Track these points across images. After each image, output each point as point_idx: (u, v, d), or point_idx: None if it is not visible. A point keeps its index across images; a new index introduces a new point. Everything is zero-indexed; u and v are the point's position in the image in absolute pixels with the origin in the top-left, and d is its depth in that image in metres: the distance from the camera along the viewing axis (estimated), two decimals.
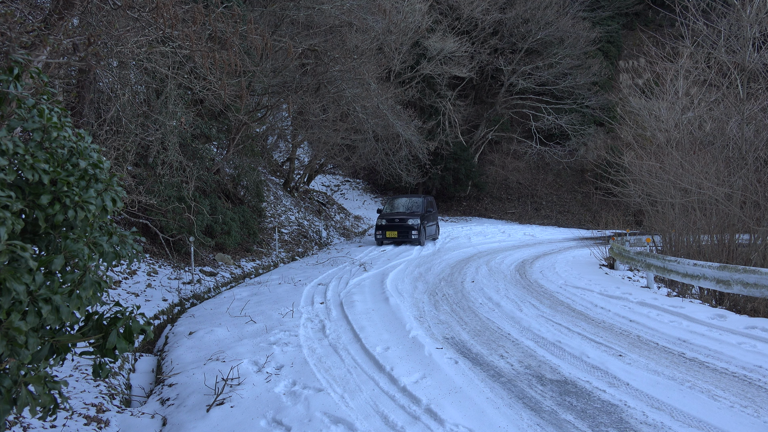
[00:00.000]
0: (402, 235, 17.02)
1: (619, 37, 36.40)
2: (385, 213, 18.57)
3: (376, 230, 17.30)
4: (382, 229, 17.19)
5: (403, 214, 17.80)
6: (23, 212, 2.25)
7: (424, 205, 18.55)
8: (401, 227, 17.07)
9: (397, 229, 17.04)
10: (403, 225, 17.12)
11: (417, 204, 18.76)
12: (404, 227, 17.07)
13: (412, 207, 18.63)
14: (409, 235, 17.01)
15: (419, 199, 18.95)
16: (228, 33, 5.92)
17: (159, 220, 9.78)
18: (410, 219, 17.25)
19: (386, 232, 17.06)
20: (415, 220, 17.22)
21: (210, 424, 4.19)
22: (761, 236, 10.74)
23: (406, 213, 18.10)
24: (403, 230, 17.03)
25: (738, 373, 5.16)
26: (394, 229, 17.05)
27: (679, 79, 15.48)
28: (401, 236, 17.03)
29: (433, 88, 27.22)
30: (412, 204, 18.80)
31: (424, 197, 19.00)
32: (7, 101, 2.31)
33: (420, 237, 17.11)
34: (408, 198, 19.36)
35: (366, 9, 13.53)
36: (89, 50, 4.61)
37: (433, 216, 19.18)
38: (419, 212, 18.09)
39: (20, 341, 1.96)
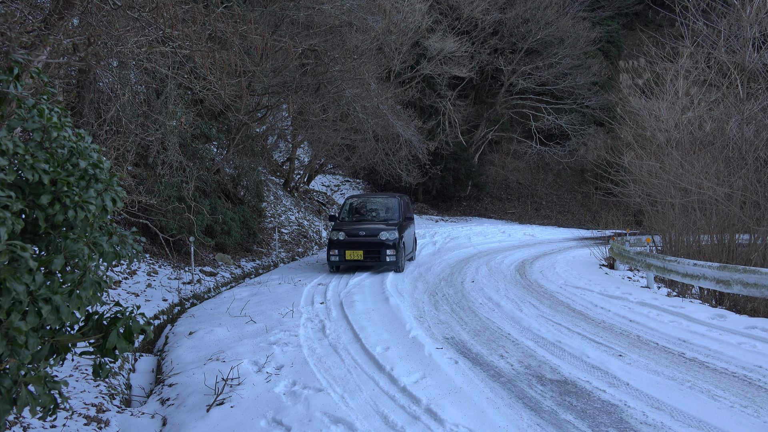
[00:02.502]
0: (371, 256, 11.45)
1: (619, 37, 36.39)
2: (343, 222, 12.59)
3: (330, 249, 11.56)
4: (340, 248, 11.48)
5: (371, 223, 12.24)
6: (23, 212, 2.25)
7: (400, 208, 12.93)
8: (370, 245, 11.47)
9: (364, 247, 11.46)
10: (372, 242, 11.49)
11: (391, 207, 13.03)
12: (375, 245, 11.44)
13: (385, 212, 13.05)
14: (381, 256, 11.40)
15: (394, 200, 13.20)
16: (228, 33, 5.92)
17: (159, 220, 9.78)
18: (384, 232, 11.57)
19: (346, 252, 11.44)
20: (390, 233, 11.55)
21: (210, 424, 4.19)
22: (761, 236, 10.74)
23: (377, 221, 12.52)
24: (373, 250, 11.43)
25: (738, 373, 5.16)
26: (359, 247, 11.44)
27: (679, 79, 15.48)
28: (370, 258, 11.45)
29: (433, 88, 27.22)
30: (383, 207, 13.23)
31: (400, 197, 13.45)
32: (7, 101, 2.31)
33: (398, 258, 11.51)
34: (378, 198, 13.80)
35: (366, 9, 13.53)
36: (89, 50, 4.61)
37: (411, 224, 13.62)
38: (395, 220, 12.49)
39: (20, 341, 1.96)
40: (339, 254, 11.47)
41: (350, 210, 13.29)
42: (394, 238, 11.52)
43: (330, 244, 11.64)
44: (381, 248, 11.41)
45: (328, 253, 11.61)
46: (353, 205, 13.46)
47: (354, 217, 13.04)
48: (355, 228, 11.86)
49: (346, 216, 13.06)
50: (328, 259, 11.60)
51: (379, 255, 11.41)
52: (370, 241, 11.51)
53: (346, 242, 11.51)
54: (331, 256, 11.54)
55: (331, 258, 11.55)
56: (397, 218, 12.58)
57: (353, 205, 13.48)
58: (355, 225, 12.15)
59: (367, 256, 11.43)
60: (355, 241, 11.55)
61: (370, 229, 11.73)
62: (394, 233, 11.59)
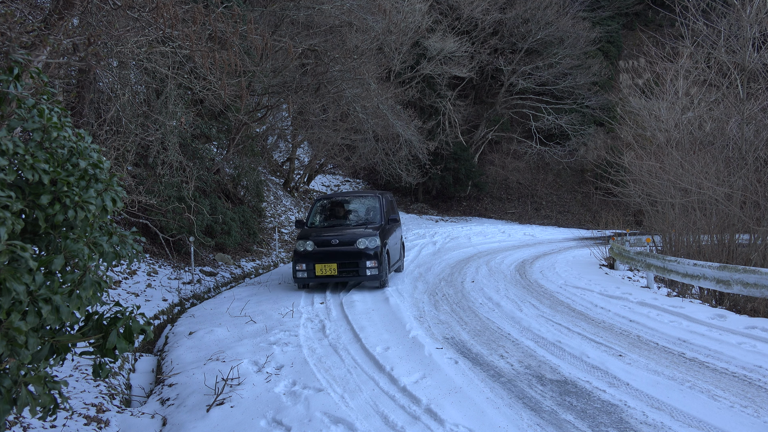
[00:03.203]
0: (346, 270, 9.40)
1: (619, 37, 36.39)
2: (312, 228, 10.46)
3: (296, 262, 9.50)
4: (308, 261, 9.42)
5: (346, 229, 10.20)
6: (23, 212, 2.25)
7: (383, 209, 10.74)
8: (346, 256, 9.41)
9: (339, 259, 9.39)
10: (348, 252, 9.44)
11: (372, 208, 10.86)
12: (351, 256, 9.41)
13: (364, 214, 10.89)
14: (360, 269, 9.39)
15: (374, 200, 11.02)
16: (228, 33, 5.93)
17: (159, 220, 9.78)
18: (363, 239, 9.50)
19: (316, 267, 9.36)
20: (370, 240, 9.49)
21: (210, 424, 4.19)
22: (761, 236, 10.74)
23: (353, 226, 10.40)
24: (349, 262, 9.38)
25: (738, 373, 5.16)
26: (332, 259, 9.39)
27: (679, 79, 15.48)
28: (345, 272, 9.41)
29: (433, 88, 27.22)
30: (362, 208, 11.06)
31: (381, 194, 11.25)
32: (7, 101, 2.31)
33: (381, 271, 9.46)
34: (355, 197, 11.49)
35: (366, 9, 13.53)
36: (89, 50, 4.61)
37: (397, 228, 11.68)
38: (376, 223, 10.36)
39: (20, 341, 1.96)
40: (307, 269, 9.31)
41: (322, 213, 10.98)
42: (375, 246, 9.37)
43: (296, 257, 9.42)
44: (359, 260, 9.29)
45: (293, 267, 9.43)
46: (325, 207, 11.09)
47: (326, 222, 10.76)
48: (327, 235, 9.68)
49: (317, 221, 10.82)
50: (294, 276, 9.44)
51: (358, 268, 9.29)
52: (345, 251, 9.36)
53: (316, 254, 9.38)
54: (298, 271, 9.38)
55: (297, 274, 9.39)
56: (379, 221, 10.41)
57: (325, 206, 11.11)
58: (326, 232, 9.96)
59: (342, 270, 9.28)
60: (327, 251, 9.36)
61: (345, 237, 9.60)
62: (374, 240, 9.43)
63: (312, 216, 10.91)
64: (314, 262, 9.35)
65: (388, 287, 9.79)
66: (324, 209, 11.11)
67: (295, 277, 9.55)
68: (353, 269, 9.39)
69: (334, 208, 11.10)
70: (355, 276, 9.45)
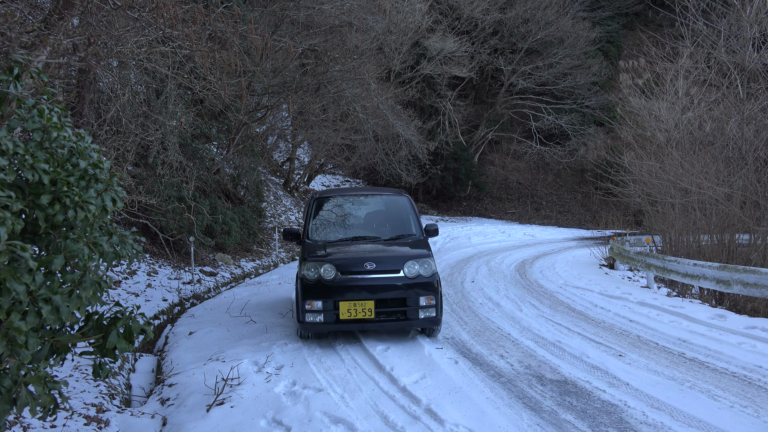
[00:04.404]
0: (388, 310, 6.16)
1: (619, 37, 36.39)
2: (322, 244, 6.85)
3: (305, 297, 6.08)
4: (328, 296, 6.05)
5: (376, 245, 6.84)
6: (23, 212, 2.25)
7: (416, 214, 7.41)
8: (389, 288, 6.14)
9: (378, 293, 6.10)
10: (393, 283, 6.16)
11: (401, 213, 7.51)
12: (397, 288, 6.15)
13: (392, 222, 7.50)
14: (410, 309, 6.16)
15: (404, 203, 7.57)
16: (228, 33, 5.93)
17: (159, 220, 9.78)
18: (412, 261, 6.28)
19: (341, 306, 6.01)
20: (424, 264, 6.32)
21: (210, 424, 4.19)
22: (761, 236, 10.74)
23: (384, 240, 7.04)
24: (394, 297, 6.16)
25: (738, 373, 5.16)
26: (368, 293, 6.08)
27: (679, 79, 15.48)
28: (387, 314, 6.16)
29: (433, 88, 27.21)
30: (388, 214, 7.70)
31: (404, 194, 7.78)
32: (7, 101, 2.31)
33: (439, 312, 6.27)
34: (375, 197, 7.97)
35: (366, 9, 13.53)
36: (89, 50, 4.61)
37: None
38: (413, 234, 7.11)
39: (20, 341, 1.96)
40: (324, 310, 5.95)
41: (329, 219, 7.43)
42: (431, 274, 6.22)
43: (303, 290, 6.05)
44: (409, 294, 6.07)
45: (299, 306, 6.06)
46: (333, 210, 7.55)
47: (340, 232, 7.17)
48: (354, 255, 6.36)
49: (323, 230, 7.19)
50: (301, 319, 6.03)
51: (406, 308, 6.05)
52: (387, 281, 6.07)
53: (340, 285, 6.01)
54: (308, 313, 5.98)
55: (306, 317, 5.99)
56: (416, 232, 7.04)
57: (333, 209, 7.56)
58: (347, 248, 6.62)
59: (382, 312, 6.03)
60: (358, 281, 6.04)
61: (383, 257, 6.28)
62: (428, 264, 6.26)
63: (313, 222, 7.16)
64: (337, 298, 5.93)
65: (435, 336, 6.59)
66: (331, 213, 7.48)
67: (303, 322, 6.00)
68: (399, 309, 6.04)
69: (349, 213, 7.51)
70: (401, 320, 6.08)
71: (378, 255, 6.36)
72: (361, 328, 6.24)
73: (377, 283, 6.11)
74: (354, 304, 6.01)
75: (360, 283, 6.09)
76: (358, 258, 6.30)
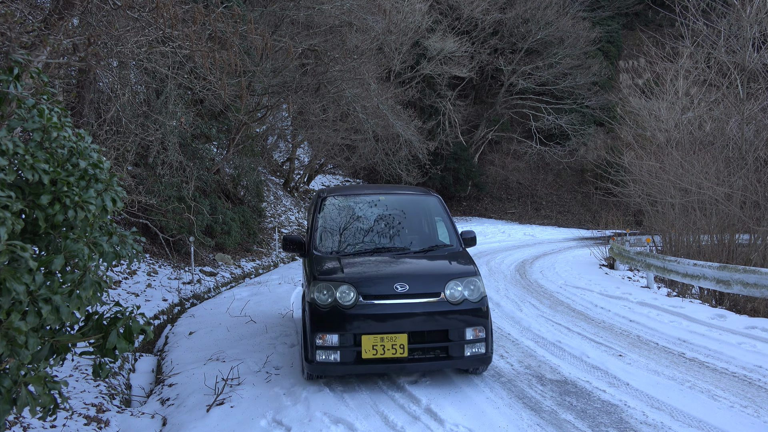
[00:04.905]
0: (426, 346, 4.72)
1: (619, 37, 36.40)
2: (339, 255, 5.37)
3: (315, 329, 4.63)
4: (346, 328, 4.60)
5: (407, 258, 5.34)
6: (23, 212, 2.25)
7: (447, 217, 5.99)
8: (426, 318, 4.69)
9: (412, 324, 4.67)
10: (431, 309, 4.70)
11: (430, 217, 6.14)
12: (436, 316, 4.71)
13: (421, 230, 5.98)
14: (454, 344, 4.70)
15: (435, 205, 6.15)
16: (228, 33, 5.93)
17: (159, 220, 9.78)
18: (455, 281, 4.83)
19: (363, 341, 4.56)
20: (470, 285, 4.87)
21: (210, 424, 4.19)
22: (761, 236, 10.74)
23: (413, 252, 5.52)
24: (433, 328, 4.74)
25: (738, 373, 5.16)
26: (399, 323, 4.64)
27: (679, 79, 15.48)
28: (423, 351, 4.73)
29: (433, 88, 27.22)
30: (415, 219, 6.05)
31: (434, 194, 6.38)
32: (7, 101, 2.31)
33: (489, 345, 4.83)
34: (397, 198, 6.27)
35: (366, 9, 13.53)
36: (89, 50, 4.61)
37: None
38: (451, 245, 5.75)
39: (20, 341, 1.96)
40: (341, 345, 4.63)
41: (340, 224, 5.87)
42: (479, 296, 4.90)
43: (315, 320, 4.71)
44: (454, 326, 4.75)
45: (308, 340, 4.72)
46: (345, 214, 5.96)
47: (355, 241, 5.67)
48: (379, 272, 5.05)
49: (334, 239, 5.70)
50: (310, 357, 4.69)
51: (448, 343, 4.73)
52: (423, 308, 4.73)
53: (362, 313, 4.67)
54: (320, 349, 4.65)
55: (317, 355, 4.65)
56: (453, 241, 5.76)
57: (345, 211, 5.97)
58: (371, 263, 5.24)
59: (417, 348, 4.72)
60: (386, 308, 4.70)
61: (417, 275, 4.95)
62: (475, 283, 4.93)
63: (321, 228, 5.69)
64: (358, 330, 4.59)
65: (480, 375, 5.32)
66: (343, 217, 5.91)
67: (313, 362, 4.63)
68: (439, 345, 4.69)
69: (366, 217, 5.90)
70: (441, 358, 4.71)
71: (410, 273, 4.92)
72: (389, 370, 4.75)
73: (411, 311, 4.66)
74: (381, 338, 4.53)
75: (389, 311, 4.62)
76: (385, 276, 4.85)
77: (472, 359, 4.78)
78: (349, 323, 4.62)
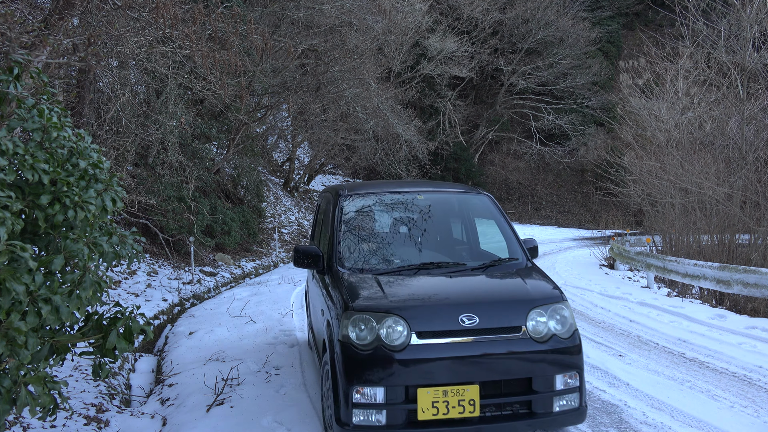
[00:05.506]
0: (501, 401, 3.37)
1: (619, 37, 36.42)
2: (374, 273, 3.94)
3: (351, 379, 3.29)
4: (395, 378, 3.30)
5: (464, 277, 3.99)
6: (23, 212, 2.25)
7: (505, 222, 4.92)
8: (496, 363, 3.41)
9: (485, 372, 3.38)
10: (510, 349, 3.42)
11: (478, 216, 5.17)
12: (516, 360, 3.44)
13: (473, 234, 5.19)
14: (540, 397, 3.38)
15: (481, 202, 5.03)
16: (228, 33, 5.93)
17: (159, 220, 9.78)
18: (539, 310, 3.53)
19: (420, 395, 3.25)
20: (556, 313, 3.58)
21: (210, 424, 4.19)
22: (761, 236, 10.74)
23: (477, 271, 4.17)
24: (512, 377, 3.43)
25: (738, 373, 5.16)
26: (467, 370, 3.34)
27: (679, 79, 15.48)
28: (498, 407, 3.36)
29: (433, 88, 27.23)
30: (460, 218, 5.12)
31: (483, 192, 5.06)
32: (7, 101, 2.31)
33: (583, 396, 3.55)
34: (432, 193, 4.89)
35: (366, 9, 13.54)
36: (89, 50, 4.61)
37: None
38: (517, 260, 4.39)
39: (20, 341, 1.96)
40: (388, 401, 3.30)
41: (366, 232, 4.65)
42: (571, 332, 3.61)
43: (350, 367, 3.38)
44: (540, 372, 3.46)
45: (340, 395, 3.38)
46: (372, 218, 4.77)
47: (390, 255, 4.36)
48: (435, 298, 3.69)
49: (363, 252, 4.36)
50: (343, 418, 3.34)
51: (532, 397, 3.41)
52: (499, 351, 3.44)
53: (421, 359, 3.35)
54: (360, 408, 3.30)
55: (354, 416, 3.30)
56: (518, 253, 4.56)
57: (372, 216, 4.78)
58: (420, 285, 3.89)
59: (489, 405, 3.37)
60: (452, 351, 3.38)
61: (485, 301, 3.65)
62: (563, 312, 3.63)
63: (344, 237, 4.37)
64: (412, 381, 3.35)
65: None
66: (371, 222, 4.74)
67: (348, 424, 3.33)
68: (519, 399, 3.45)
69: (401, 222, 4.74)
70: (522, 416, 3.43)
71: (477, 299, 3.63)
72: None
73: (485, 352, 3.40)
74: (444, 391, 3.28)
75: (454, 353, 3.36)
76: (444, 304, 3.56)
77: (562, 416, 3.48)
78: (400, 371, 3.32)
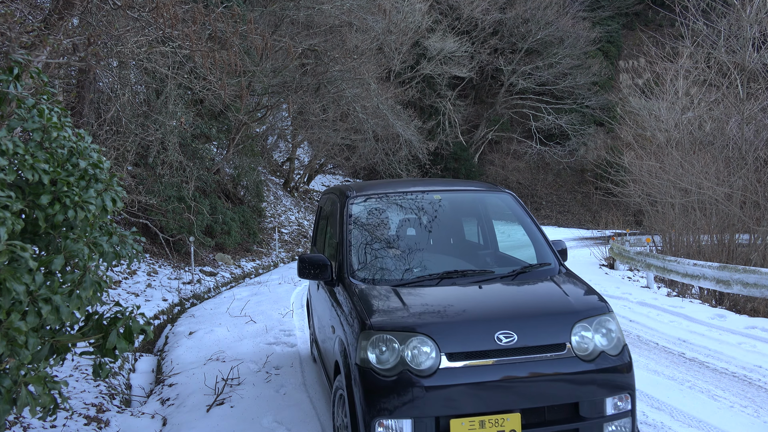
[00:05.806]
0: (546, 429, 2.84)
1: (619, 37, 36.42)
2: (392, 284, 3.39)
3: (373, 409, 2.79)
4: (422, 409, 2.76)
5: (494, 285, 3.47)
6: (23, 212, 2.25)
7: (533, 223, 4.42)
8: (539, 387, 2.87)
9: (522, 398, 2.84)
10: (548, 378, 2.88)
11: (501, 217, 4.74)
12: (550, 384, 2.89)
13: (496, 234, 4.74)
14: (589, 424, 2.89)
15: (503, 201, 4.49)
16: (228, 33, 5.93)
17: (159, 220, 9.78)
18: (584, 324, 3.05)
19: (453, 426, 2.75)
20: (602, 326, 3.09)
21: (210, 424, 4.19)
22: (761, 236, 10.74)
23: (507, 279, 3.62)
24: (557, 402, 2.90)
25: (738, 373, 5.16)
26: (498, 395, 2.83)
27: (679, 79, 15.48)
28: None
29: (433, 88, 27.23)
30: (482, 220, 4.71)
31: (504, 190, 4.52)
32: (7, 101, 2.31)
33: (634, 421, 3.06)
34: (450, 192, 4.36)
35: (366, 9, 13.54)
36: (89, 50, 4.61)
37: None
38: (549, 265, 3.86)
39: (20, 341, 1.96)
40: None
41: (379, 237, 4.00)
42: (620, 348, 3.11)
43: (372, 395, 2.84)
44: (588, 395, 2.95)
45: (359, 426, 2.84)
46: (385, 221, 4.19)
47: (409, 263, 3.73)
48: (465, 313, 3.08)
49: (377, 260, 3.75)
50: None
51: (579, 425, 2.91)
52: (542, 371, 2.91)
53: (456, 382, 2.82)
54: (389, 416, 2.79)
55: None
56: (549, 257, 3.99)
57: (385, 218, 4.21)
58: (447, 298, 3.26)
59: None
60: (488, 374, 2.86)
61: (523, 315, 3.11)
62: (610, 325, 3.13)
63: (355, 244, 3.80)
64: (444, 411, 2.81)
65: None
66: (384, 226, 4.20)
67: None
68: (566, 428, 2.92)
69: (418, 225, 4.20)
70: None
71: (513, 313, 3.14)
72: None
73: (525, 374, 2.91)
74: (481, 422, 2.82)
75: (491, 377, 2.88)
76: (476, 320, 3.04)
77: None
78: (429, 400, 2.81)
